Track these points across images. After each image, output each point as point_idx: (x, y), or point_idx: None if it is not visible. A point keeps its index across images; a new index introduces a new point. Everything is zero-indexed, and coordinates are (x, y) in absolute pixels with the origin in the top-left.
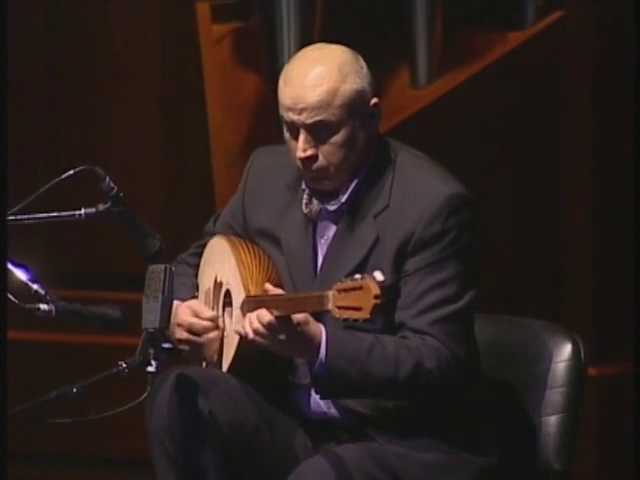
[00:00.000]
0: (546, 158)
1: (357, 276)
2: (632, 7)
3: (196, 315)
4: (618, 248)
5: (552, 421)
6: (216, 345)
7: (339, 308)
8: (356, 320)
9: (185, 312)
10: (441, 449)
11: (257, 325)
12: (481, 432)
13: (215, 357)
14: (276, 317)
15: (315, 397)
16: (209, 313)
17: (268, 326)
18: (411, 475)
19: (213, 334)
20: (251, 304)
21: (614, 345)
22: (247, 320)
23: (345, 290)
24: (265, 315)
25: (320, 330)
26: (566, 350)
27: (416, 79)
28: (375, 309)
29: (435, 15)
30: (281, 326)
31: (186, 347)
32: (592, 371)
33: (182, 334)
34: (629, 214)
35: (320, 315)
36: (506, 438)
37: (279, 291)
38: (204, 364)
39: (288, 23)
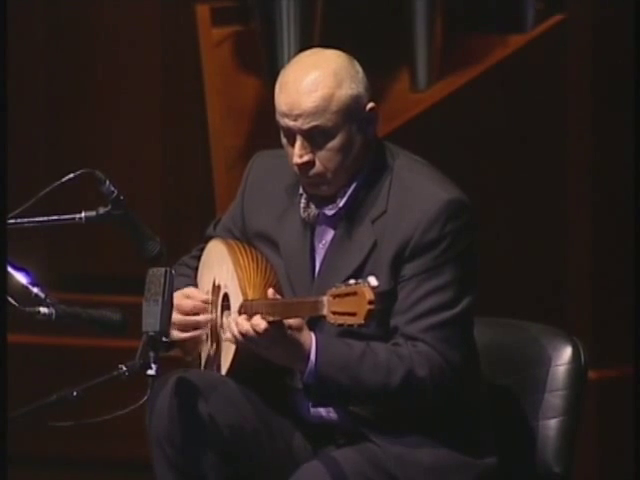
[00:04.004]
0: (546, 160)
1: (351, 281)
2: (632, 10)
3: (189, 298)
4: (618, 251)
5: (552, 424)
6: (203, 334)
7: (334, 314)
8: (351, 325)
9: (178, 297)
10: (440, 451)
11: (247, 328)
12: (481, 434)
13: (204, 348)
14: (270, 322)
15: None
16: (202, 296)
17: (264, 333)
18: (410, 478)
19: (202, 317)
20: (248, 308)
21: (614, 348)
22: (233, 323)
23: (339, 296)
24: (260, 323)
25: (310, 338)
26: (566, 353)
27: (416, 82)
28: (369, 315)
29: (435, 18)
30: (273, 331)
31: (176, 333)
32: (592, 374)
33: (174, 316)
34: (629, 216)
35: (316, 322)
36: (506, 441)
37: (278, 297)
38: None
39: (288, 26)
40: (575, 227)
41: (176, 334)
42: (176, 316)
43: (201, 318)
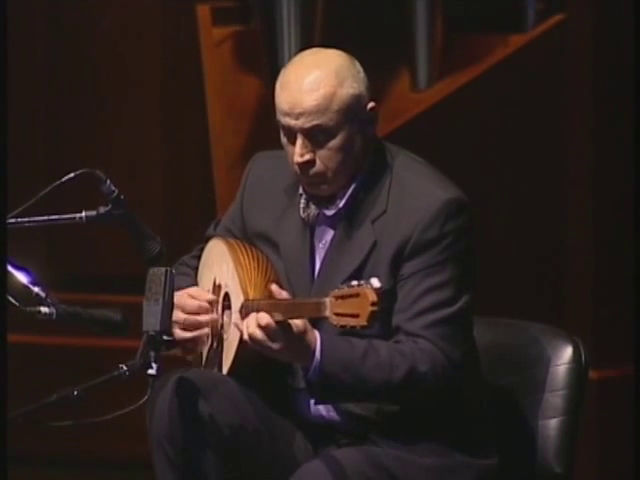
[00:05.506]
0: (546, 160)
1: (354, 283)
2: (632, 10)
3: (193, 298)
4: (618, 250)
5: (553, 424)
6: (205, 334)
7: (336, 315)
8: (353, 327)
9: (183, 296)
10: (441, 452)
11: (254, 329)
12: (481, 434)
13: (205, 347)
14: (276, 322)
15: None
16: (207, 296)
17: (266, 329)
18: (411, 478)
19: (205, 317)
20: (249, 308)
21: (614, 348)
22: (245, 323)
23: (342, 297)
24: (264, 318)
25: (315, 337)
26: (566, 353)
27: (416, 82)
28: (372, 316)
29: (435, 18)
30: (279, 330)
31: (179, 332)
32: (592, 374)
33: (178, 315)
34: (629, 215)
35: (316, 321)
36: (507, 441)
37: (284, 293)
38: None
39: (288, 26)
40: (575, 227)
41: (179, 333)
42: (180, 315)
43: (205, 318)
